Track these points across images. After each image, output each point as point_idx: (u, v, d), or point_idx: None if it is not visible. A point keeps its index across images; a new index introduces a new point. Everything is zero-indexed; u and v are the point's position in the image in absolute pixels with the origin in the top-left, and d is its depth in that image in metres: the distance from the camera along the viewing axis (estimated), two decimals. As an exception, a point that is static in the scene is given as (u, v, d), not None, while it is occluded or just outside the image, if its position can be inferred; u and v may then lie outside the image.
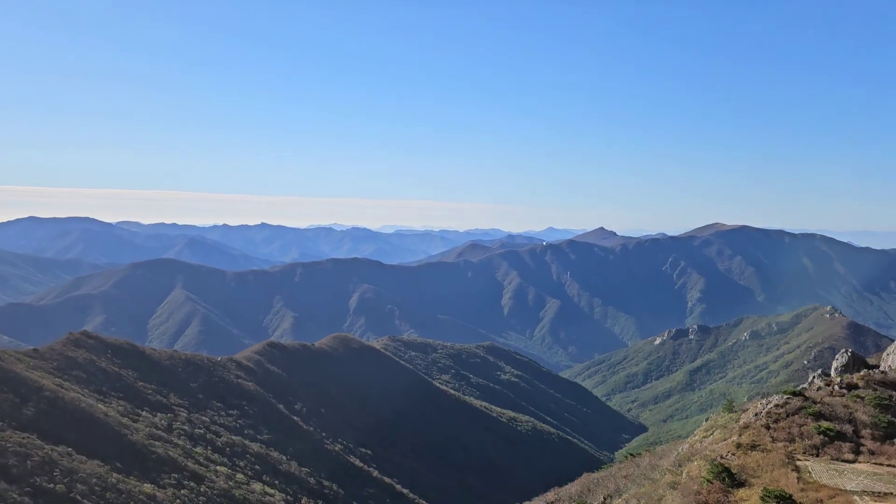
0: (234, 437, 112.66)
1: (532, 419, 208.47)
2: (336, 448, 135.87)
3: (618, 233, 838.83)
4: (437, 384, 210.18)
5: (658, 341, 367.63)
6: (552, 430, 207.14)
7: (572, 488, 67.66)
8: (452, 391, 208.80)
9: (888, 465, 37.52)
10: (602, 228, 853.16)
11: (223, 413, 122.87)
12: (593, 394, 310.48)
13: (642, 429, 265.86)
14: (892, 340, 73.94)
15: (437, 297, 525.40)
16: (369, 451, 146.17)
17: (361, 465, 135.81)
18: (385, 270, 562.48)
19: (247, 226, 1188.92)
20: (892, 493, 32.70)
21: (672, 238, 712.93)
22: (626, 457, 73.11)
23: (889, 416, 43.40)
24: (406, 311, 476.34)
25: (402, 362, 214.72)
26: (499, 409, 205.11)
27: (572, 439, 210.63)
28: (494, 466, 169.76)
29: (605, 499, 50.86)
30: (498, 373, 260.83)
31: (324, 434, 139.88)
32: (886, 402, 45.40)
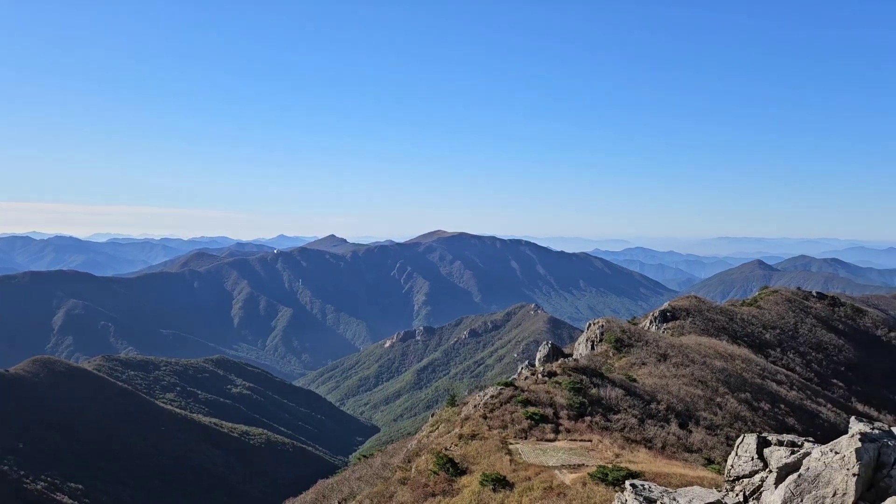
0: None
1: (266, 431, 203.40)
2: (38, 487, 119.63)
3: (348, 240, 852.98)
4: (161, 404, 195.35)
5: (388, 344, 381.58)
6: (286, 440, 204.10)
7: (307, 496, 67.65)
8: (178, 410, 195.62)
9: (580, 441, 43.49)
10: (333, 236, 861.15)
11: None
12: (327, 400, 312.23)
13: (375, 430, 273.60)
14: (582, 332, 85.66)
15: (159, 311, 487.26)
16: (80, 486, 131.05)
17: (71, 502, 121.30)
18: (97, 283, 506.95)
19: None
20: (584, 464, 37.90)
21: (399, 244, 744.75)
22: (359, 459, 74.90)
23: (581, 397, 50.29)
24: (123, 327, 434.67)
25: (119, 383, 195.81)
26: (230, 425, 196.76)
27: (307, 447, 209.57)
28: (227, 485, 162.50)
29: (339, 503, 51.77)
30: (229, 386, 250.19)
31: (22, 473, 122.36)
32: (578, 385, 52.56)
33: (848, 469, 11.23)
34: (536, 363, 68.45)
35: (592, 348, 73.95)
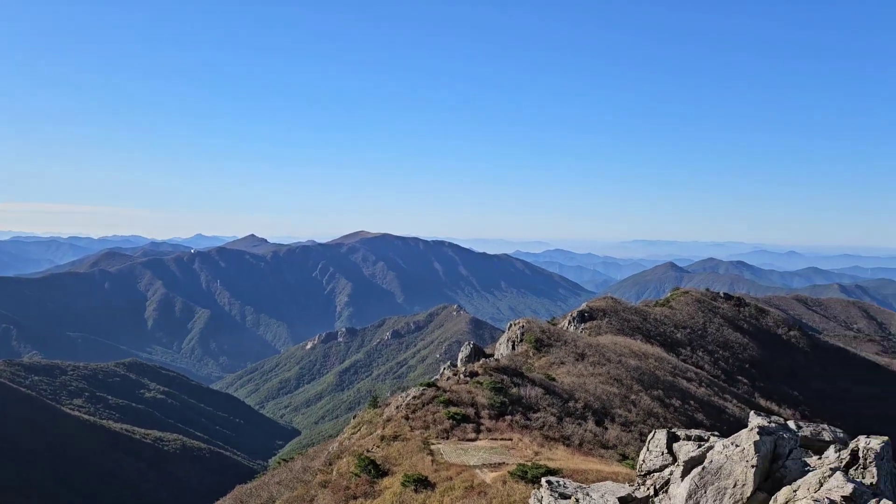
0: None
1: (181, 437, 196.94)
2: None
3: (269, 240, 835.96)
4: (68, 410, 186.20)
5: (309, 346, 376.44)
6: (203, 445, 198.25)
7: (224, 503, 66.00)
8: (87, 416, 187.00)
9: (501, 439, 44.17)
10: (253, 235, 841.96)
11: None
12: (246, 403, 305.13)
13: (296, 433, 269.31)
14: (503, 332, 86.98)
15: (66, 313, 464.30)
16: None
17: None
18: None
19: None
20: (504, 463, 38.53)
21: (322, 245, 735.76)
22: (279, 463, 73.61)
23: (501, 396, 51.07)
24: (26, 330, 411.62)
25: (22, 389, 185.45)
26: (143, 431, 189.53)
27: (225, 452, 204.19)
28: (139, 493, 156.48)
29: (259, 508, 50.78)
30: (142, 391, 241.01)
31: None
32: (499, 385, 53.35)
33: (747, 461, 11.93)
34: (458, 363, 69.00)
35: (513, 348, 75.16)
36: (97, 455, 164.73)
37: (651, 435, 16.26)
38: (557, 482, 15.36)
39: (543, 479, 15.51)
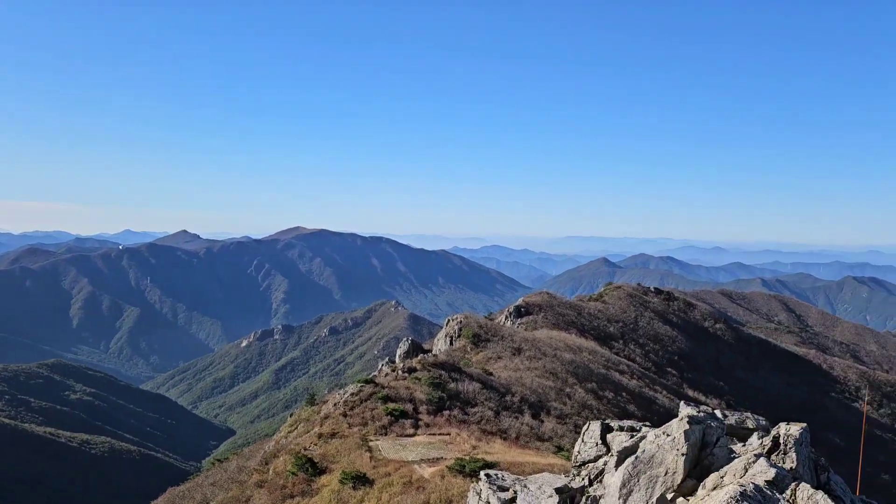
0: None
1: (109, 439, 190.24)
2: None
3: (202, 235, 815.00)
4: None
5: (245, 343, 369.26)
6: (132, 447, 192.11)
7: (156, 506, 64.24)
8: (7, 420, 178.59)
9: (439, 434, 44.42)
10: (185, 231, 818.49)
11: None
12: (179, 403, 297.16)
13: (230, 433, 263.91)
14: (441, 327, 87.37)
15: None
16: None
17: None
18: None
19: None
20: (442, 458, 38.76)
21: (257, 241, 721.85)
22: (213, 463, 72.11)
23: (440, 392, 51.33)
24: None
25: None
26: (68, 434, 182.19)
27: (156, 455, 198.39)
28: (66, 498, 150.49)
29: (192, 510, 49.64)
30: (67, 393, 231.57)
31: None
32: (437, 380, 53.61)
33: (678, 450, 12.38)
34: (397, 359, 69.04)
35: (451, 344, 75.58)
36: (20, 460, 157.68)
37: (586, 427, 16.65)
38: (496, 475, 15.57)
39: (482, 473, 15.72)
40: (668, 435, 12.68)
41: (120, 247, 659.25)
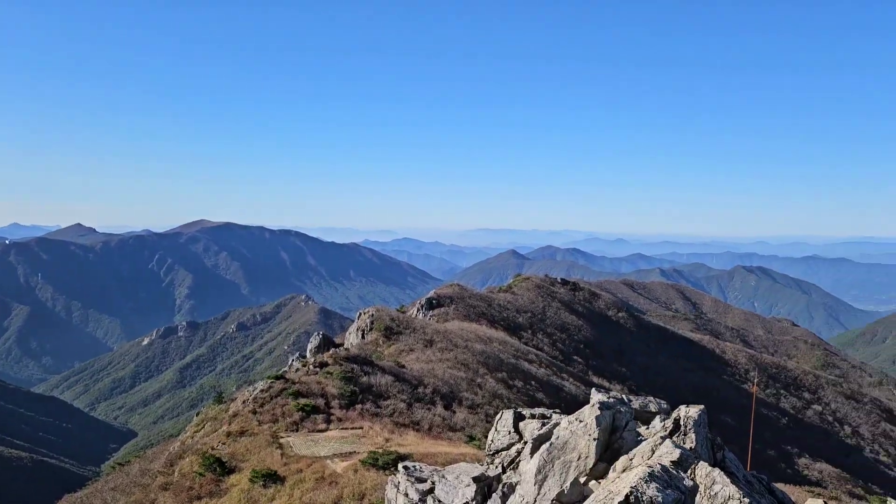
0: None
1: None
2: None
3: (98, 229, 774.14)
4: None
5: (146, 342, 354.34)
6: (24, 454, 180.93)
7: (51, 515, 60.85)
8: None
9: (352, 429, 44.15)
10: (80, 225, 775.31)
11: None
12: (75, 406, 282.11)
13: (132, 435, 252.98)
14: (353, 321, 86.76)
15: None
16: None
17: None
18: None
19: None
20: (355, 452, 38.57)
21: (158, 235, 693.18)
22: (113, 467, 69.08)
23: (352, 386, 50.97)
24: None
25: None
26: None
27: (50, 461, 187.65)
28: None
29: (91, 517, 47.28)
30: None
31: None
32: (350, 374, 53.20)
33: (590, 435, 12.80)
34: (308, 354, 68.10)
35: (363, 337, 75.20)
36: None
37: (499, 415, 16.95)
38: (414, 467, 15.63)
39: (400, 465, 15.74)
40: (580, 421, 13.09)
41: (7, 241, 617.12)
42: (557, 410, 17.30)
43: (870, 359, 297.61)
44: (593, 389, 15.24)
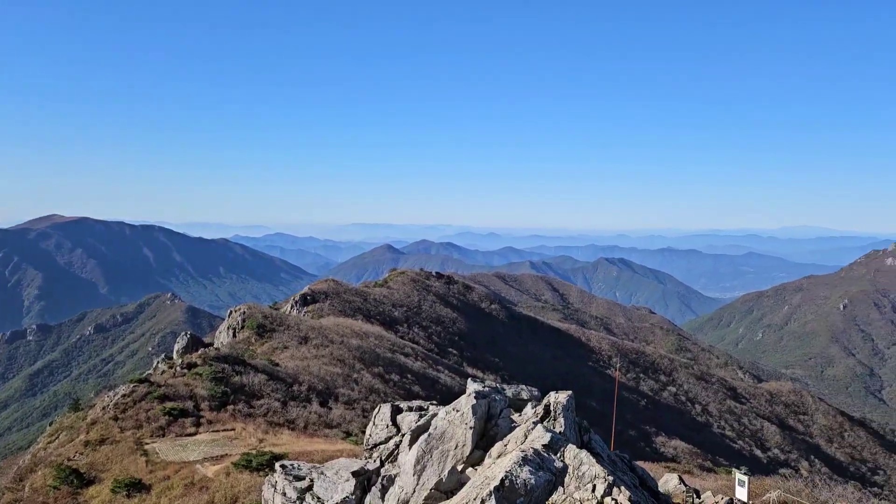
0: None
1: None
2: None
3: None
4: None
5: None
6: None
7: None
8: None
9: (223, 431, 42.70)
10: None
11: None
12: None
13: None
14: (223, 319, 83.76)
15: None
16: None
17: None
18: None
19: None
20: (227, 454, 37.35)
21: (2, 231, 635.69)
22: (-48, 487, 62.83)
23: (223, 386, 49.28)
24: None
25: None
26: None
27: None
28: None
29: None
30: None
31: None
32: (220, 374, 51.40)
33: (466, 423, 13.13)
34: (174, 355, 65.18)
35: (234, 336, 72.93)
36: None
37: (376, 410, 17.00)
38: (291, 465, 15.35)
39: (277, 464, 15.42)
40: (457, 411, 13.38)
41: None
42: (434, 402, 17.59)
43: (717, 342, 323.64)
44: (469, 380, 15.62)
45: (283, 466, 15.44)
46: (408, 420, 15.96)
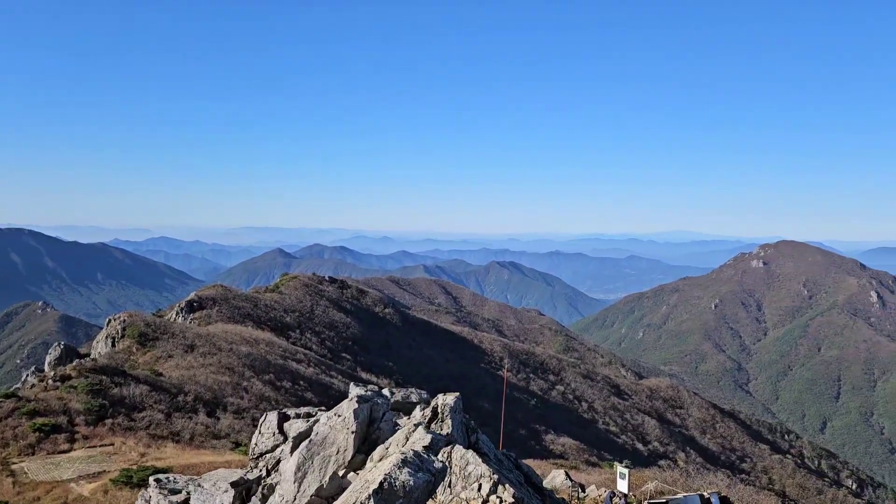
0: None
1: None
2: None
3: None
4: None
5: None
6: None
7: None
8: None
9: (101, 446, 40.62)
10: None
11: None
12: None
13: None
14: (101, 329, 79.43)
15: None
16: None
17: None
18: None
19: None
20: (105, 471, 35.61)
21: None
22: None
23: (100, 399, 46.85)
24: None
25: None
26: None
27: None
28: None
29: None
30: None
31: None
32: (98, 386, 48.82)
33: (348, 428, 13.33)
34: (46, 368, 61.30)
35: (114, 345, 69.37)
36: None
37: (263, 418, 16.91)
38: (167, 479, 15.00)
39: (151, 479, 15.01)
40: (339, 416, 13.56)
41: None
42: (324, 408, 17.65)
43: (601, 341, 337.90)
44: (352, 384, 15.84)
45: (157, 480, 15.08)
46: (294, 427, 15.96)
